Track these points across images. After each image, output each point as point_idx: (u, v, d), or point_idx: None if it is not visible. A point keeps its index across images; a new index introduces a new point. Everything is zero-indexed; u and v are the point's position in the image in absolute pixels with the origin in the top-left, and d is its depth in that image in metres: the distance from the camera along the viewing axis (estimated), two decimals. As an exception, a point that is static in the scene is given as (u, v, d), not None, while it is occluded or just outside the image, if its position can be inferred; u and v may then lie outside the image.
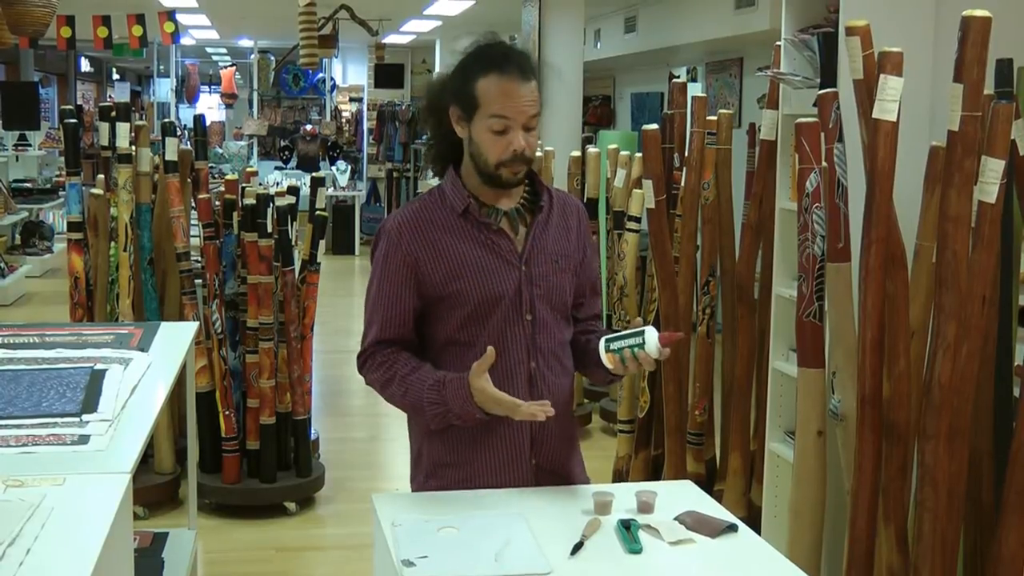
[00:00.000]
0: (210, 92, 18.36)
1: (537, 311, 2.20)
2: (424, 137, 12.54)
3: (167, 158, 4.75)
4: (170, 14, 9.46)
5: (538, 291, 2.20)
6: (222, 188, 4.84)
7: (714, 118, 4.28)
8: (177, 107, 15.75)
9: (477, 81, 2.10)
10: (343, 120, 15.10)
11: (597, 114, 11.84)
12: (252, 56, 14.89)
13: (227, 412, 4.57)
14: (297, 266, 4.72)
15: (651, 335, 2.05)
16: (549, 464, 2.25)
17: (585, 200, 5.53)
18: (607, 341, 2.11)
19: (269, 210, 4.49)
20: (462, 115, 2.14)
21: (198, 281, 4.79)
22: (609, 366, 2.12)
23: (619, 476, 4.64)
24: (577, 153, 5.94)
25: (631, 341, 2.07)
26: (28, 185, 12.09)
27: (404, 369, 2.18)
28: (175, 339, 3.20)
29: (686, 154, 4.28)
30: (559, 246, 2.24)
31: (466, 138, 2.17)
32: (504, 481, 2.21)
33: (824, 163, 2.97)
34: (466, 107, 2.13)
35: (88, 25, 9.02)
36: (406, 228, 2.19)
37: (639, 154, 4.56)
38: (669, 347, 2.08)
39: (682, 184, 4.26)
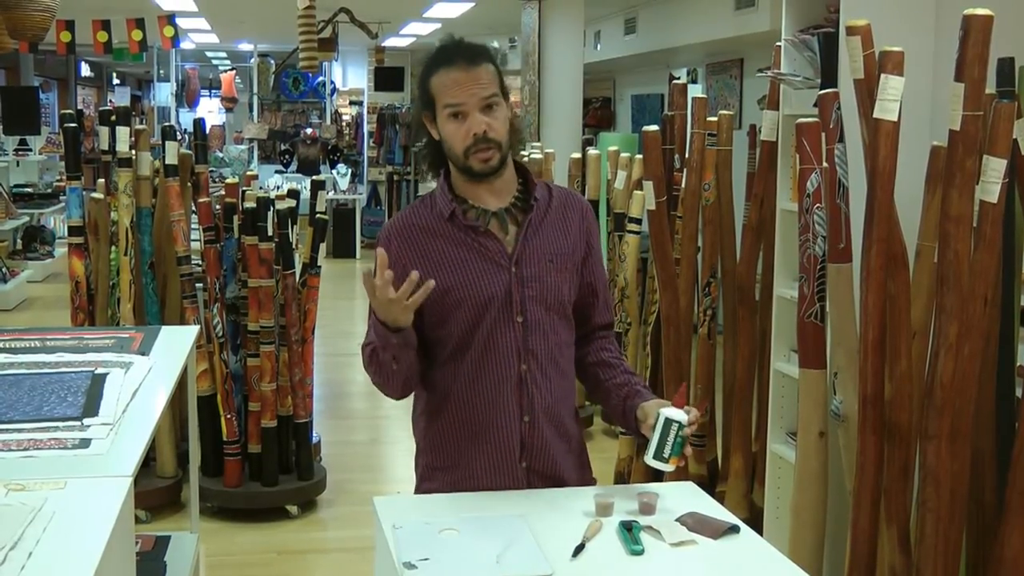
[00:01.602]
0: (210, 96, 18.37)
1: (529, 313, 2.18)
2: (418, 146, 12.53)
3: (167, 162, 4.75)
4: (170, 18, 9.45)
5: (530, 292, 2.18)
6: (222, 192, 4.85)
7: (714, 119, 4.28)
8: (177, 111, 15.74)
9: (431, 80, 2.16)
10: (343, 123, 15.10)
11: (597, 116, 11.84)
12: (252, 60, 14.89)
13: (228, 416, 4.57)
14: (298, 269, 4.72)
15: (674, 413, 2.09)
16: (541, 468, 2.23)
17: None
18: (655, 457, 2.10)
19: (269, 214, 4.49)
20: (429, 116, 2.19)
21: (199, 285, 4.79)
22: (675, 467, 2.13)
23: (621, 478, 4.64)
24: (577, 155, 5.94)
25: (672, 434, 2.09)
26: (29, 190, 12.09)
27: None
28: (176, 343, 3.20)
29: (686, 155, 4.28)
30: (555, 245, 2.22)
31: (440, 139, 2.19)
32: (496, 484, 2.20)
33: (825, 163, 2.97)
34: (429, 108, 2.18)
35: (88, 30, 9.02)
36: (395, 235, 2.22)
37: (639, 156, 4.57)
38: (684, 398, 2.15)
39: (683, 185, 4.26)
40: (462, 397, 2.19)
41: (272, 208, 4.51)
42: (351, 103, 15.43)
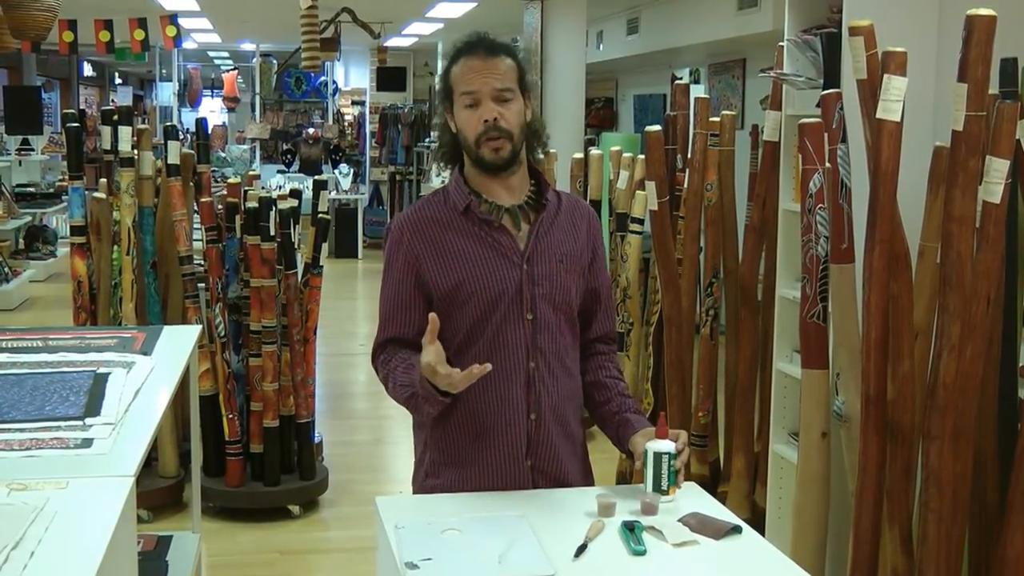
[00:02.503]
0: (212, 96, 18.37)
1: (539, 311, 2.19)
2: (427, 139, 12.61)
3: (169, 162, 4.75)
4: (172, 18, 9.46)
5: (540, 290, 2.19)
6: (224, 192, 4.84)
7: (717, 119, 4.27)
8: (179, 111, 15.74)
9: (451, 70, 2.19)
10: (345, 123, 15.09)
11: (599, 116, 11.83)
12: (254, 60, 14.89)
13: (230, 415, 4.57)
14: (300, 269, 4.72)
15: (661, 446, 2.10)
16: (546, 467, 2.24)
17: (588, 203, 5.52)
18: (654, 491, 2.11)
19: (272, 213, 4.49)
20: (447, 107, 2.21)
21: (201, 285, 4.79)
22: (674, 496, 2.13)
23: (623, 478, 4.63)
24: (580, 155, 5.93)
25: (664, 466, 2.10)
26: (31, 190, 12.08)
27: (395, 364, 2.19)
28: (178, 343, 3.20)
29: (689, 156, 4.28)
30: (564, 246, 2.23)
31: (456, 130, 2.20)
32: (501, 482, 2.21)
33: (827, 164, 2.97)
34: (447, 98, 2.21)
35: (90, 29, 9.02)
36: (408, 227, 2.23)
37: (642, 156, 4.56)
38: (665, 426, 2.14)
39: (685, 186, 4.26)
40: (470, 393, 2.17)
41: (274, 208, 4.51)
42: (353, 103, 15.43)
